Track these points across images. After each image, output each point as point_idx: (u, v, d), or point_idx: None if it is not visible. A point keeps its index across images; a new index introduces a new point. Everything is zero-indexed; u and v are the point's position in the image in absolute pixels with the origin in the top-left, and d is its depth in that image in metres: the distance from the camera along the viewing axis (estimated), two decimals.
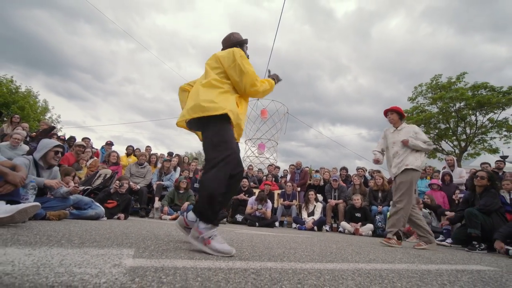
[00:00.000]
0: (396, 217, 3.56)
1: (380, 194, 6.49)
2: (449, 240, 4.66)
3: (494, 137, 17.70)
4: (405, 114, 4.11)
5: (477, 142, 18.34)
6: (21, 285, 0.80)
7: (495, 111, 17.18)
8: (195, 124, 2.00)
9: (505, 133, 17.18)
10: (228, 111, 1.85)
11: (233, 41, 2.36)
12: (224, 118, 1.86)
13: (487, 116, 17.68)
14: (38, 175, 3.18)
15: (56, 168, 3.42)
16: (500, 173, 6.08)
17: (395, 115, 3.92)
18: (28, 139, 6.62)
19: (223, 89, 1.99)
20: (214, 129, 1.87)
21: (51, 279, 0.89)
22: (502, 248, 3.34)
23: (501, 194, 4.64)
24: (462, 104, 17.95)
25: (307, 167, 9.71)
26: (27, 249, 1.31)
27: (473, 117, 18.18)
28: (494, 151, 17.79)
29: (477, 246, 3.70)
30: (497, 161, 6.70)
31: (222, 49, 2.39)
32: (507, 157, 16.68)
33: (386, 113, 4.02)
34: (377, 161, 3.93)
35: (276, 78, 2.37)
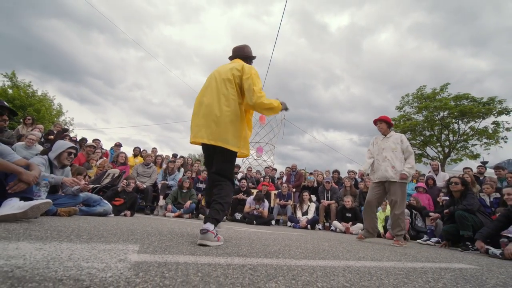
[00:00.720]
0: (399, 221, 3.70)
1: None
2: (433, 239, 4.64)
3: (475, 144, 17.79)
4: (393, 123, 4.24)
5: (459, 148, 18.41)
6: (32, 278, 0.79)
7: (476, 120, 17.29)
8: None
9: (485, 140, 17.27)
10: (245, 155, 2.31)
11: (247, 54, 2.48)
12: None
13: (469, 125, 17.78)
14: (52, 173, 3.16)
15: (68, 168, 3.40)
16: (481, 178, 6.09)
17: (384, 124, 4.02)
18: (42, 139, 6.59)
19: (243, 119, 2.22)
20: (233, 157, 2.22)
21: (60, 272, 0.87)
22: (482, 248, 3.33)
23: (482, 197, 4.65)
24: (445, 113, 18.04)
25: (302, 169, 9.71)
26: (38, 244, 1.30)
27: (455, 125, 18.27)
28: (475, 157, 17.87)
29: (470, 246, 3.64)
30: (478, 166, 6.72)
31: (232, 56, 2.52)
32: (487, 162, 16.77)
33: (375, 122, 4.11)
34: (362, 174, 4.13)
35: (284, 106, 2.37)
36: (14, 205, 2.02)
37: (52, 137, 6.92)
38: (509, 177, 5.20)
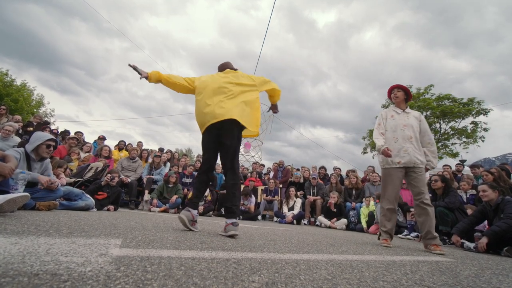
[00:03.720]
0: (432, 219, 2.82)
1: (354, 192, 6.64)
2: (413, 234, 4.82)
3: (455, 143, 18.57)
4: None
5: (440, 147, 19.14)
6: (5, 273, 0.76)
7: (456, 120, 18.02)
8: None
9: (464, 139, 18.05)
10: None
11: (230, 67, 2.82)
12: None
13: (449, 124, 18.51)
14: (29, 167, 3.02)
15: (47, 161, 3.27)
16: (459, 175, 6.37)
17: (402, 93, 3.19)
18: (20, 131, 6.30)
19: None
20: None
21: (36, 267, 0.84)
22: (458, 242, 3.49)
23: (459, 194, 4.86)
24: (428, 112, 18.67)
25: (289, 165, 9.78)
26: (14, 238, 1.25)
27: (437, 125, 18.96)
28: (455, 155, 18.65)
29: (447, 240, 3.83)
30: (457, 164, 7.04)
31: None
32: (465, 161, 17.52)
33: (392, 89, 3.23)
34: (388, 155, 2.85)
35: None
36: None
37: (31, 128, 6.64)
38: (484, 175, 5.46)
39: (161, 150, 8.82)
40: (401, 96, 3.19)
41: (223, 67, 2.82)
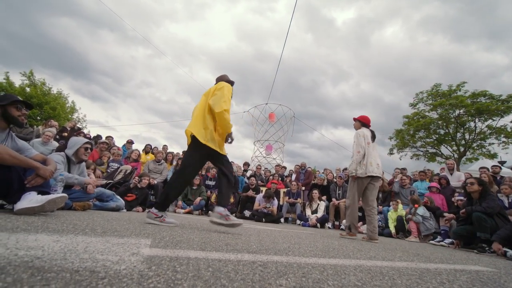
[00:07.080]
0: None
1: (380, 195, 6.38)
2: (447, 241, 4.53)
3: (493, 143, 17.18)
4: (369, 124, 4.18)
5: (475, 147, 17.83)
6: (50, 268, 0.82)
7: (494, 118, 16.68)
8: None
9: (504, 139, 16.65)
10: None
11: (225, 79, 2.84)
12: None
13: (486, 123, 17.17)
14: (69, 169, 3.25)
15: (83, 164, 3.49)
16: (498, 178, 5.89)
17: (356, 123, 4.12)
18: (57, 136, 6.80)
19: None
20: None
21: (76, 264, 0.90)
22: (499, 250, 3.22)
23: (500, 198, 4.49)
24: (461, 111, 17.49)
25: (309, 167, 9.63)
26: (55, 236, 1.34)
27: (472, 124, 17.69)
28: (492, 156, 17.24)
29: (487, 248, 3.53)
30: (493, 165, 6.52)
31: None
32: (505, 162, 16.16)
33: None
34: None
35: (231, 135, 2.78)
36: (32, 199, 2.10)
37: (66, 134, 7.14)
38: None
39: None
40: (356, 126, 4.11)
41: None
